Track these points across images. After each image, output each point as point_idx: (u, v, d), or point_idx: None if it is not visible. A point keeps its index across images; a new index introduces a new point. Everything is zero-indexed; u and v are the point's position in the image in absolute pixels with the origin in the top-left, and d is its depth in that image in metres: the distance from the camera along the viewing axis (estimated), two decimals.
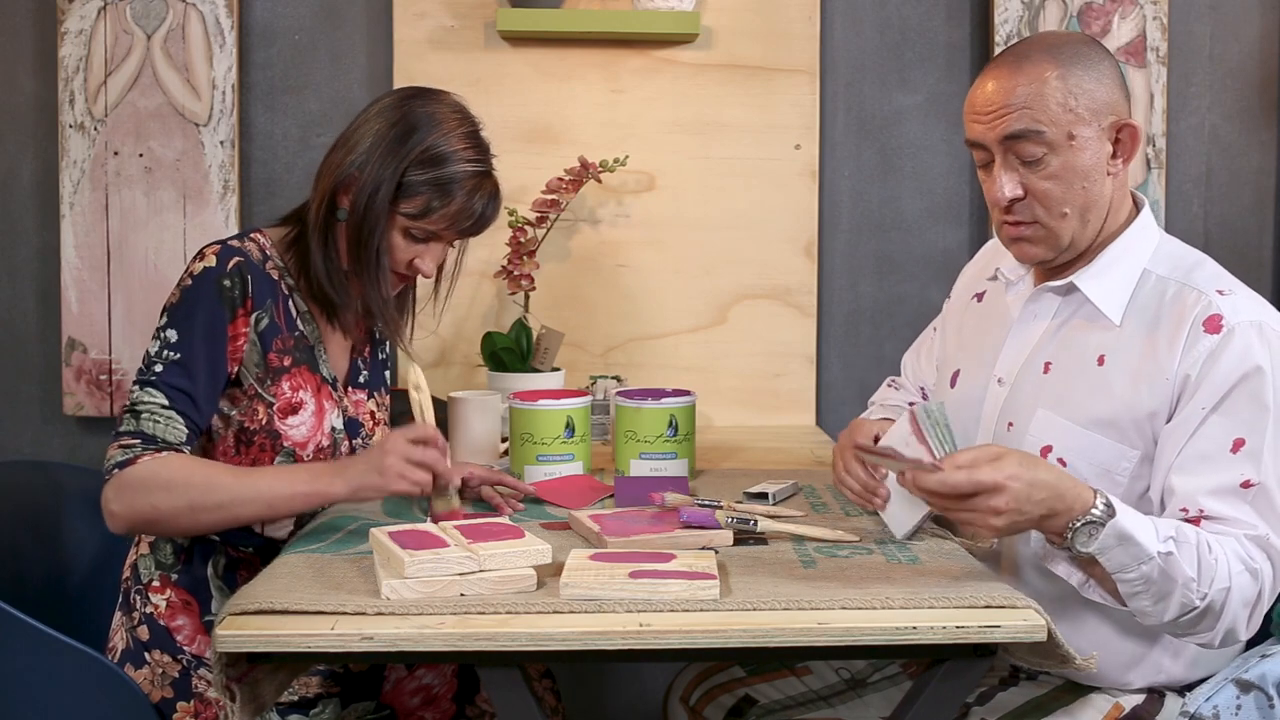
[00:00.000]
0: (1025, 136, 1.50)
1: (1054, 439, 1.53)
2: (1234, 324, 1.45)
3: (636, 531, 1.52)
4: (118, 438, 1.59)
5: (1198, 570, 1.38)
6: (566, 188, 2.37)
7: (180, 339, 1.63)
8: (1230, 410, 1.44)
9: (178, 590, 1.69)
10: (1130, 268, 1.56)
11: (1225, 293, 1.49)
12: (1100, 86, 1.51)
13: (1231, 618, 1.40)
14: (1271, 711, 1.39)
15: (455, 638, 1.24)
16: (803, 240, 2.56)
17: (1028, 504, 1.35)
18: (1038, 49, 1.52)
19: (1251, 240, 2.63)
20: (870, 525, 1.64)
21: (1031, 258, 1.58)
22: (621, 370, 2.53)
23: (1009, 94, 1.51)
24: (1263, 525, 1.41)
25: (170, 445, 1.58)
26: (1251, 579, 1.40)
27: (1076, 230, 1.54)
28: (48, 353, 2.57)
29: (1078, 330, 1.58)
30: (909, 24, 2.59)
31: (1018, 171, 1.53)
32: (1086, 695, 1.55)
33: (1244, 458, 1.42)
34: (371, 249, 1.68)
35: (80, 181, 2.49)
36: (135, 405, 1.60)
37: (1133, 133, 1.53)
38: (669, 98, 2.54)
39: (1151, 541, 1.37)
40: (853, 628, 1.26)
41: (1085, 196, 1.52)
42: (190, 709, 1.65)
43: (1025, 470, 1.35)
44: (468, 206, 1.69)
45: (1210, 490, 1.43)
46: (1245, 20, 2.59)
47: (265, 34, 2.54)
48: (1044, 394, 1.57)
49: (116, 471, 1.55)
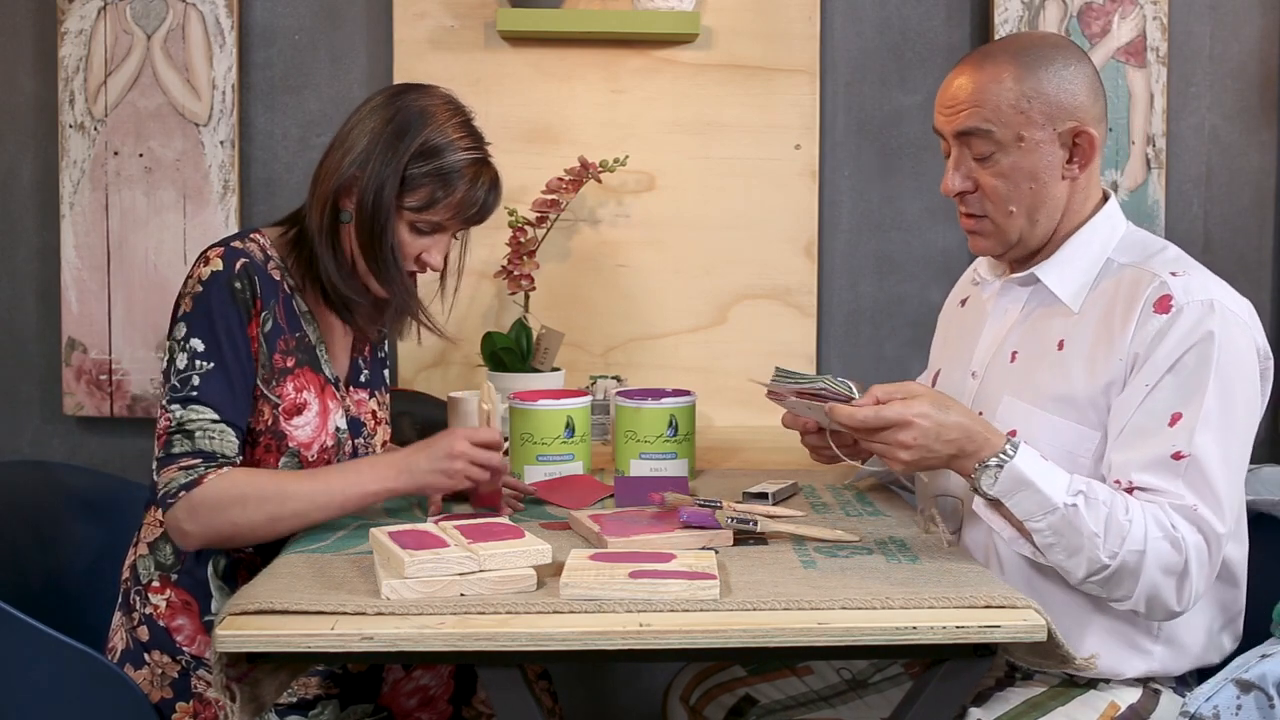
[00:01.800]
0: (975, 133, 1.56)
1: (1018, 423, 1.56)
2: (1184, 303, 1.48)
3: (636, 531, 1.52)
4: (173, 460, 1.58)
5: (1104, 528, 1.41)
6: (566, 188, 2.37)
7: (208, 348, 1.62)
8: (1171, 385, 1.47)
9: (178, 590, 1.69)
10: (1092, 257, 1.60)
11: (1179, 274, 1.52)
12: (1061, 92, 1.54)
13: (1151, 584, 1.42)
14: (1271, 711, 1.39)
15: (455, 638, 1.24)
16: (803, 240, 2.56)
17: (936, 442, 1.44)
18: (1005, 49, 1.57)
19: (1251, 240, 2.62)
20: (870, 525, 1.64)
21: (983, 250, 1.64)
22: (621, 370, 2.53)
23: (966, 90, 1.56)
24: (1191, 496, 1.43)
25: (228, 459, 1.60)
26: (1172, 547, 1.42)
27: (1025, 228, 1.59)
28: (48, 353, 2.57)
29: (1042, 319, 1.62)
30: (909, 24, 2.59)
31: (970, 165, 1.58)
32: (1083, 694, 1.55)
33: (1179, 430, 1.45)
34: (385, 247, 1.68)
35: (80, 181, 2.49)
36: (184, 424, 1.59)
37: (1090, 139, 1.56)
38: (669, 98, 2.54)
39: (1058, 493, 1.42)
40: (853, 628, 1.27)
41: (1033, 197, 1.57)
42: (190, 709, 1.65)
43: (936, 410, 1.44)
44: (471, 195, 1.69)
45: (1142, 463, 1.46)
46: (1245, 20, 2.59)
47: (265, 34, 2.54)
48: (1010, 381, 1.61)
49: (183, 494, 1.56)
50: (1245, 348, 1.49)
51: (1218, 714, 1.39)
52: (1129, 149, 2.52)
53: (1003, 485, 1.44)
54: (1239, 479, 1.49)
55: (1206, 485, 1.44)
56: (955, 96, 1.58)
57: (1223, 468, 1.45)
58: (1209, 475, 1.44)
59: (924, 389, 1.49)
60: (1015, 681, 1.59)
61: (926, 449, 1.45)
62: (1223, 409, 1.46)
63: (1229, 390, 1.46)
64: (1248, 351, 1.49)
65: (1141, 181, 2.53)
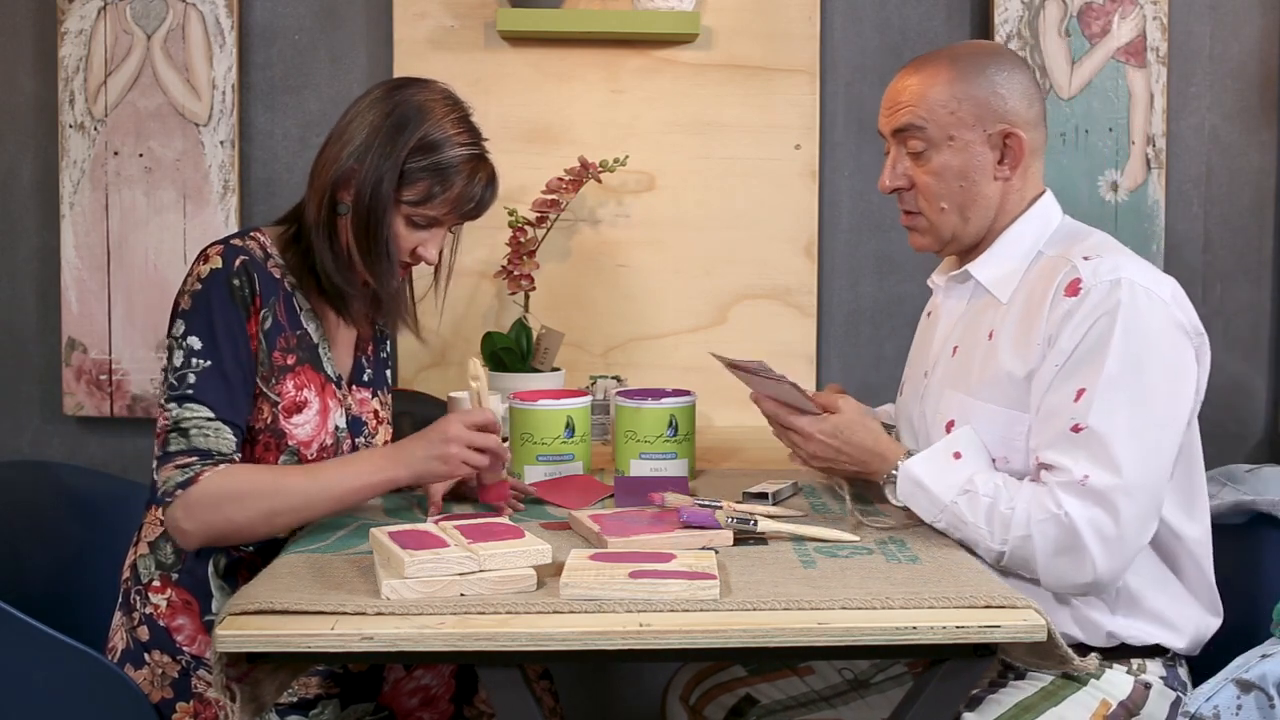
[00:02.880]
0: (909, 130, 1.65)
1: (955, 414, 1.64)
2: (1091, 285, 1.53)
3: (636, 531, 1.52)
4: (169, 459, 1.58)
5: (986, 520, 1.51)
6: (566, 188, 2.37)
7: (205, 346, 1.61)
8: (1077, 363, 1.52)
9: (178, 590, 1.68)
10: (1024, 251, 1.66)
11: (1091, 257, 1.57)
12: (992, 96, 1.63)
13: (1047, 565, 1.49)
14: (1272, 711, 1.39)
15: (455, 638, 1.24)
16: (803, 240, 2.56)
17: (837, 457, 1.65)
18: (944, 55, 1.67)
19: (1251, 240, 2.62)
20: (870, 526, 1.64)
21: (920, 246, 1.72)
22: (621, 370, 2.53)
23: (904, 91, 1.67)
24: (1081, 469, 1.47)
25: (225, 456, 1.59)
26: (1057, 528, 1.47)
27: (957, 225, 1.67)
28: (48, 353, 2.57)
29: (979, 313, 1.68)
30: (909, 24, 2.59)
31: (906, 164, 1.68)
32: (1074, 693, 1.56)
33: (1081, 404, 1.50)
34: (380, 240, 1.68)
35: (80, 181, 2.49)
36: (179, 423, 1.59)
37: (1020, 142, 1.63)
38: (669, 98, 2.54)
39: (946, 493, 1.55)
40: (853, 628, 1.27)
41: (963, 195, 1.65)
42: (190, 709, 1.65)
43: (840, 432, 1.64)
44: (468, 190, 1.69)
45: (1049, 441, 1.52)
46: (1245, 20, 2.59)
47: (265, 34, 2.54)
48: (950, 375, 1.69)
49: (180, 492, 1.55)
50: (1159, 322, 1.52)
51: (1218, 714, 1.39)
52: (1129, 149, 2.52)
53: (903, 494, 1.60)
54: (1158, 450, 1.51)
55: (1106, 454, 1.47)
56: (895, 98, 1.68)
57: (1129, 438, 1.47)
58: (1109, 445, 1.47)
59: (846, 406, 1.66)
60: (1008, 683, 1.59)
61: (830, 461, 1.66)
62: (1129, 381, 1.49)
63: (1137, 362, 1.49)
64: (1163, 326, 1.52)
65: (1141, 181, 2.53)
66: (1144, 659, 1.59)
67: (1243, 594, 1.74)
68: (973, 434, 1.60)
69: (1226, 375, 2.62)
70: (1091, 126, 2.52)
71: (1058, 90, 2.51)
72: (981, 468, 1.57)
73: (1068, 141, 2.52)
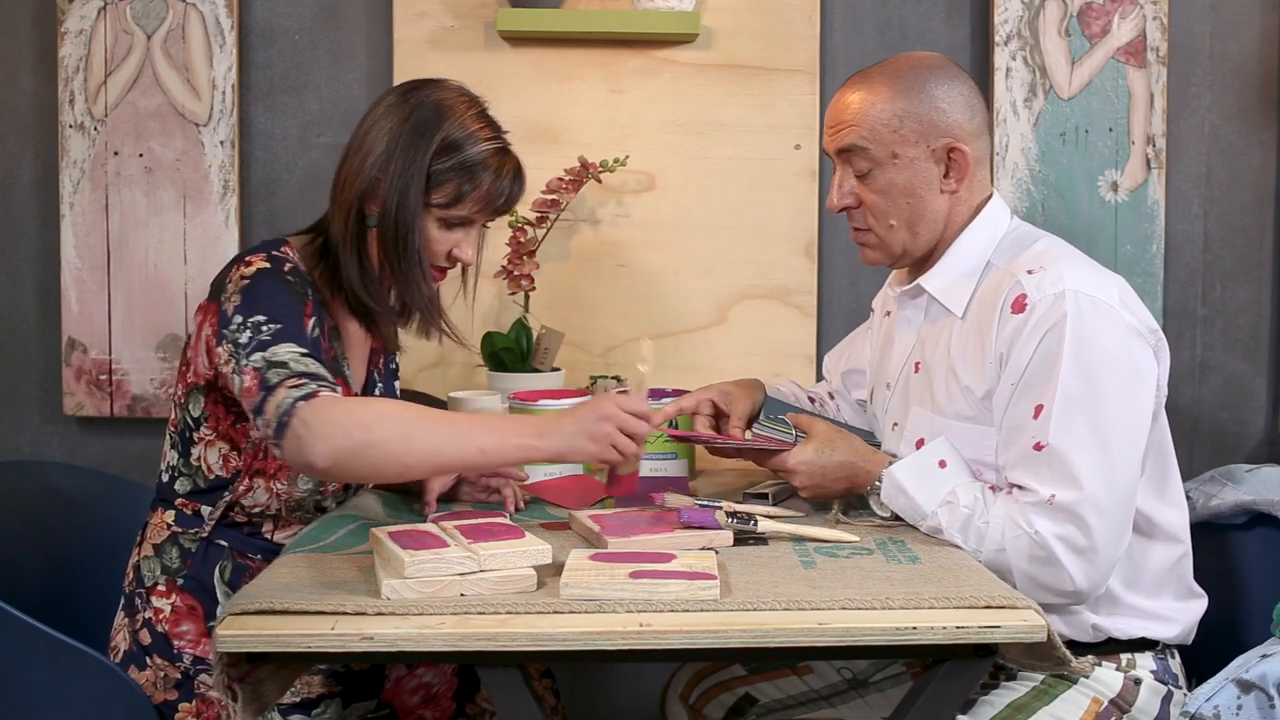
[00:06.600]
0: (854, 151, 1.65)
1: (924, 432, 1.65)
2: (1036, 300, 1.54)
3: (636, 532, 1.52)
4: (273, 390, 1.43)
5: (964, 533, 1.53)
6: (566, 188, 2.37)
7: (269, 317, 1.52)
8: (1031, 380, 1.52)
9: (183, 595, 1.68)
10: (973, 262, 1.66)
11: (1034, 271, 1.57)
12: (934, 111, 1.62)
13: (1025, 576, 1.50)
14: (1272, 711, 1.39)
15: (455, 638, 1.24)
16: (803, 240, 2.56)
17: (824, 480, 1.65)
18: (884, 71, 1.66)
19: (1251, 240, 2.62)
20: (871, 525, 1.64)
21: (872, 261, 1.73)
22: (621, 370, 2.53)
23: (846, 110, 1.66)
24: (1047, 488, 1.49)
25: (331, 384, 1.46)
26: (1029, 544, 1.49)
27: (907, 241, 1.68)
28: (48, 353, 2.57)
29: (938, 328, 1.69)
30: (909, 24, 2.59)
31: (852, 183, 1.67)
32: (1066, 692, 1.56)
33: (1040, 421, 1.50)
34: (412, 248, 1.65)
35: (80, 181, 2.49)
36: (272, 361, 1.46)
37: (964, 155, 1.64)
38: (669, 98, 2.54)
39: (928, 501, 1.56)
40: (853, 628, 1.27)
41: (911, 211, 1.65)
42: (193, 709, 1.65)
43: (819, 455, 1.64)
44: (496, 186, 1.68)
45: (1015, 461, 1.53)
46: (1245, 20, 2.59)
47: (265, 34, 2.54)
48: (914, 392, 1.70)
49: (301, 404, 1.41)
50: (1108, 329, 1.52)
51: (1218, 714, 1.40)
52: (1129, 149, 2.52)
53: (890, 502, 1.61)
54: (1122, 457, 1.51)
55: (1067, 471, 1.48)
56: (838, 117, 1.67)
57: (1090, 451, 1.48)
58: (1069, 461, 1.48)
59: (816, 429, 1.66)
60: (999, 683, 1.59)
61: (819, 486, 1.65)
62: (1084, 393, 1.49)
63: (1089, 373, 1.50)
64: (1113, 332, 1.52)
65: (1141, 181, 2.53)
66: (1134, 653, 1.59)
67: (1243, 594, 1.74)
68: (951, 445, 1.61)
69: (1226, 375, 2.62)
70: (1091, 126, 2.52)
71: (1058, 90, 2.51)
72: (964, 479, 1.58)
73: (1068, 141, 2.51)
